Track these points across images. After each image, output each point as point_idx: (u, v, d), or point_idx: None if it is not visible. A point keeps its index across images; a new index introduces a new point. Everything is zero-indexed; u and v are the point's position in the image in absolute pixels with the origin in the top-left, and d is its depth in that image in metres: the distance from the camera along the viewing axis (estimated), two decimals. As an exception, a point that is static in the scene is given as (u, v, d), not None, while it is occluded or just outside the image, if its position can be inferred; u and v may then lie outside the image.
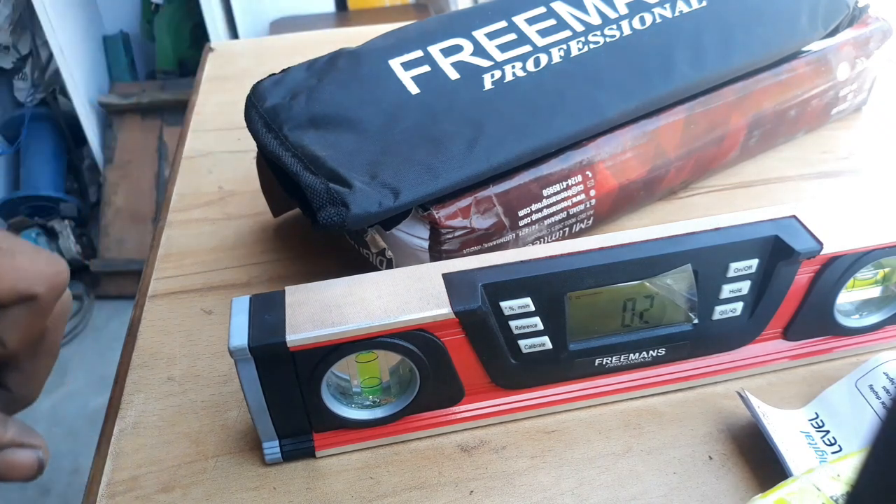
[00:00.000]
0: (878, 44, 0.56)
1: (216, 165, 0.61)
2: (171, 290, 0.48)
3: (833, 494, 0.31)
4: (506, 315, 0.35)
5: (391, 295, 0.34)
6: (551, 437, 0.38)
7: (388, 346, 0.34)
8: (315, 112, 0.44)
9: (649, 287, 0.36)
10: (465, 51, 0.47)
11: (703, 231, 0.37)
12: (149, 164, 1.81)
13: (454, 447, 0.38)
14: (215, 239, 0.53)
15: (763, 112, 0.52)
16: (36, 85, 1.88)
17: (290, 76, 0.47)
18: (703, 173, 0.53)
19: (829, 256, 0.37)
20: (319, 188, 0.40)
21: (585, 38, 0.48)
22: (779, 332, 0.41)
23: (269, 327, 0.33)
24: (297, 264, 0.50)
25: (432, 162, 0.41)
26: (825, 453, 0.35)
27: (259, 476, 0.37)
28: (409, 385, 0.37)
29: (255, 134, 0.44)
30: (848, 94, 0.57)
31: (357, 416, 0.37)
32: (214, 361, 0.43)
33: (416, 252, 0.43)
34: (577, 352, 0.37)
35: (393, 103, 0.44)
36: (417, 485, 0.36)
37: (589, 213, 0.47)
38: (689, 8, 0.49)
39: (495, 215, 0.43)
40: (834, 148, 0.58)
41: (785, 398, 0.39)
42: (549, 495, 0.35)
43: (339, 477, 0.37)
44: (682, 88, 0.47)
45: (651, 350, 0.38)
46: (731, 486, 0.35)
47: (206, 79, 0.75)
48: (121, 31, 1.93)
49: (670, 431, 0.38)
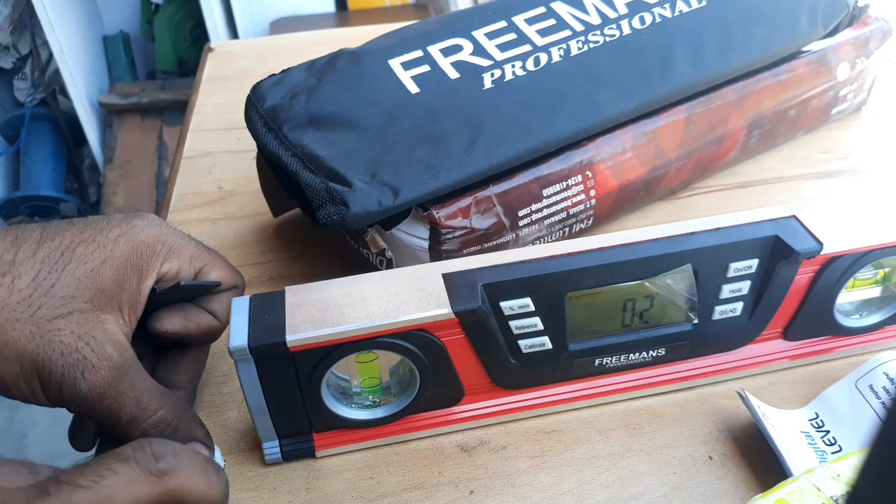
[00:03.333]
0: (878, 44, 0.56)
1: (216, 165, 0.61)
2: (171, 290, 0.48)
3: (833, 494, 0.31)
4: (506, 315, 0.35)
5: (391, 295, 0.34)
6: (551, 437, 0.38)
7: (388, 346, 0.34)
8: (315, 112, 0.44)
9: (649, 287, 0.36)
10: (464, 50, 0.47)
11: (703, 231, 0.37)
12: (149, 164, 1.81)
13: (454, 447, 0.38)
14: (215, 239, 0.53)
15: (763, 112, 0.52)
16: (36, 85, 1.88)
17: (290, 76, 0.47)
18: (703, 173, 0.53)
19: (829, 256, 0.37)
20: (319, 187, 0.40)
21: (585, 38, 0.48)
22: (779, 332, 0.41)
23: (269, 327, 0.33)
24: (297, 264, 0.50)
25: (432, 161, 0.41)
26: (825, 453, 0.35)
27: (259, 476, 0.37)
28: (409, 385, 0.37)
29: (254, 134, 0.44)
30: (848, 94, 0.57)
31: (357, 416, 0.37)
32: (214, 361, 0.43)
33: (416, 252, 0.43)
34: (577, 352, 0.37)
35: (393, 103, 0.44)
36: (417, 485, 0.36)
37: (589, 214, 0.47)
38: (688, 7, 0.49)
39: (495, 215, 0.43)
40: (834, 148, 0.58)
41: (785, 398, 0.39)
42: (549, 495, 0.35)
43: (339, 477, 0.37)
44: (682, 88, 0.47)
45: (651, 350, 0.38)
46: (731, 486, 0.35)
47: (206, 79, 0.75)
48: (121, 31, 1.93)
49: (670, 431, 0.38)
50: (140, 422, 0.32)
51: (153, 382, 0.33)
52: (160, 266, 0.34)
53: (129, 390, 0.31)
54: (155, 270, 0.34)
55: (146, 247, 0.34)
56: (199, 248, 0.36)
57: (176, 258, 0.35)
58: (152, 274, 0.34)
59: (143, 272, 0.33)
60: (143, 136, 1.82)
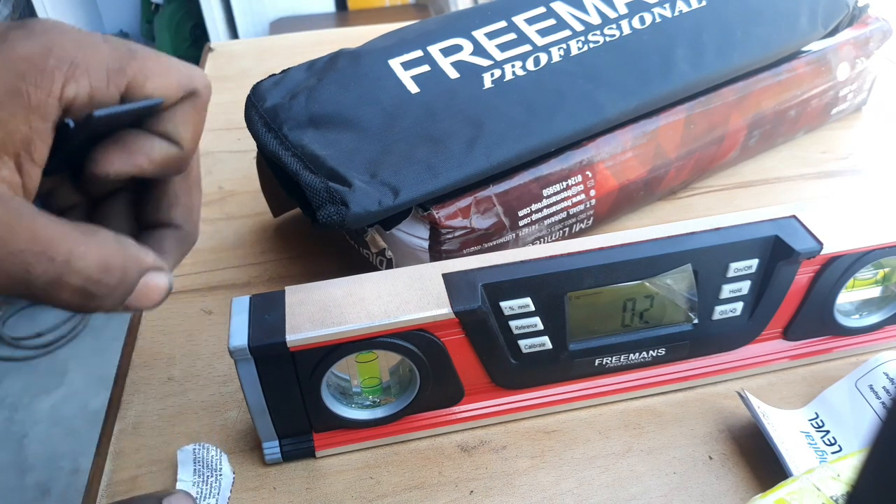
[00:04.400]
0: (878, 44, 0.56)
1: (216, 165, 0.61)
2: (172, 290, 0.48)
3: (833, 494, 0.31)
4: (506, 315, 0.35)
5: (391, 295, 0.34)
6: (551, 437, 0.38)
7: (388, 346, 0.34)
8: (315, 112, 0.44)
9: (649, 287, 0.36)
10: (464, 50, 0.47)
11: (703, 231, 0.37)
12: (149, 164, 1.80)
13: (454, 447, 0.38)
14: (215, 239, 0.53)
15: (763, 112, 0.52)
16: (36, 85, 1.88)
17: (290, 76, 0.47)
18: (703, 173, 0.53)
19: (829, 256, 0.37)
20: (319, 187, 0.40)
21: (585, 38, 0.48)
22: (779, 332, 0.41)
23: (269, 327, 0.33)
24: (297, 264, 0.50)
25: (432, 161, 0.41)
26: (825, 453, 0.35)
27: (259, 476, 0.37)
28: (409, 385, 0.37)
29: (254, 134, 0.44)
30: (848, 94, 0.57)
31: (357, 416, 0.37)
32: (214, 361, 0.43)
33: (416, 252, 0.43)
34: (577, 352, 0.37)
35: (393, 103, 0.44)
36: (417, 485, 0.36)
37: (589, 214, 0.47)
38: (688, 7, 0.49)
39: (495, 215, 0.43)
40: (834, 148, 0.58)
41: (785, 398, 0.39)
42: (549, 495, 0.35)
43: (339, 477, 0.37)
44: (682, 88, 0.47)
45: (651, 350, 0.38)
46: (731, 486, 0.35)
47: (206, 79, 0.75)
48: (121, 31, 1.94)
49: (670, 431, 0.38)
50: (64, 279, 0.24)
51: (69, 226, 0.25)
52: (61, 90, 0.24)
53: (29, 245, 0.23)
54: (52, 96, 0.24)
55: (29, 65, 0.24)
56: (119, 52, 0.26)
57: (84, 75, 0.25)
58: (49, 102, 0.24)
59: (31, 101, 0.24)
60: (143, 136, 1.82)
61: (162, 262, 0.28)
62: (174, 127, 0.27)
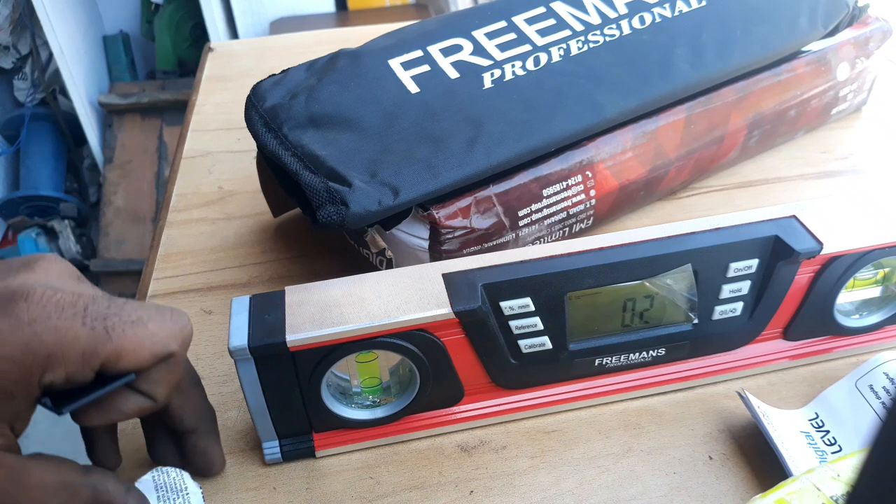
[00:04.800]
0: (878, 44, 0.56)
1: (216, 165, 0.61)
2: (171, 290, 0.48)
3: (833, 494, 0.31)
4: (506, 315, 0.35)
5: (391, 295, 0.34)
6: (551, 437, 0.38)
7: (388, 346, 0.34)
8: (315, 111, 0.44)
9: (649, 287, 0.36)
10: (464, 50, 0.47)
11: (703, 231, 0.37)
12: (149, 164, 1.81)
13: (454, 447, 0.38)
14: (215, 239, 0.53)
15: (763, 112, 0.52)
16: (36, 85, 1.88)
17: (290, 76, 0.47)
18: (703, 173, 0.53)
19: (829, 256, 0.37)
20: (319, 187, 0.40)
21: (585, 38, 0.48)
22: (779, 332, 0.41)
23: (269, 327, 0.33)
24: (297, 264, 0.50)
25: (432, 160, 0.41)
26: (825, 453, 0.35)
27: (259, 476, 0.37)
28: (409, 385, 0.37)
29: (254, 134, 0.44)
30: (848, 94, 0.57)
31: (357, 416, 0.37)
32: (214, 361, 0.43)
33: (416, 252, 0.43)
34: (577, 352, 0.37)
35: (392, 102, 0.44)
36: (417, 485, 0.36)
37: (589, 214, 0.47)
38: (688, 7, 0.49)
39: (495, 215, 0.43)
40: (834, 148, 0.58)
41: (785, 398, 0.39)
42: (549, 495, 0.35)
43: (339, 477, 0.37)
44: (682, 88, 0.47)
45: (651, 350, 0.38)
46: (731, 486, 0.35)
47: (206, 79, 0.75)
48: (121, 31, 1.93)
49: (670, 431, 0.38)
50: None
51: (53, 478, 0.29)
52: (39, 379, 0.27)
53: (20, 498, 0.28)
54: (31, 385, 0.27)
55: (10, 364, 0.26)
56: (95, 335, 0.28)
57: (60, 365, 0.27)
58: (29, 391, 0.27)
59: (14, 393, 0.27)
60: (143, 136, 1.82)
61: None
62: (148, 386, 0.30)
